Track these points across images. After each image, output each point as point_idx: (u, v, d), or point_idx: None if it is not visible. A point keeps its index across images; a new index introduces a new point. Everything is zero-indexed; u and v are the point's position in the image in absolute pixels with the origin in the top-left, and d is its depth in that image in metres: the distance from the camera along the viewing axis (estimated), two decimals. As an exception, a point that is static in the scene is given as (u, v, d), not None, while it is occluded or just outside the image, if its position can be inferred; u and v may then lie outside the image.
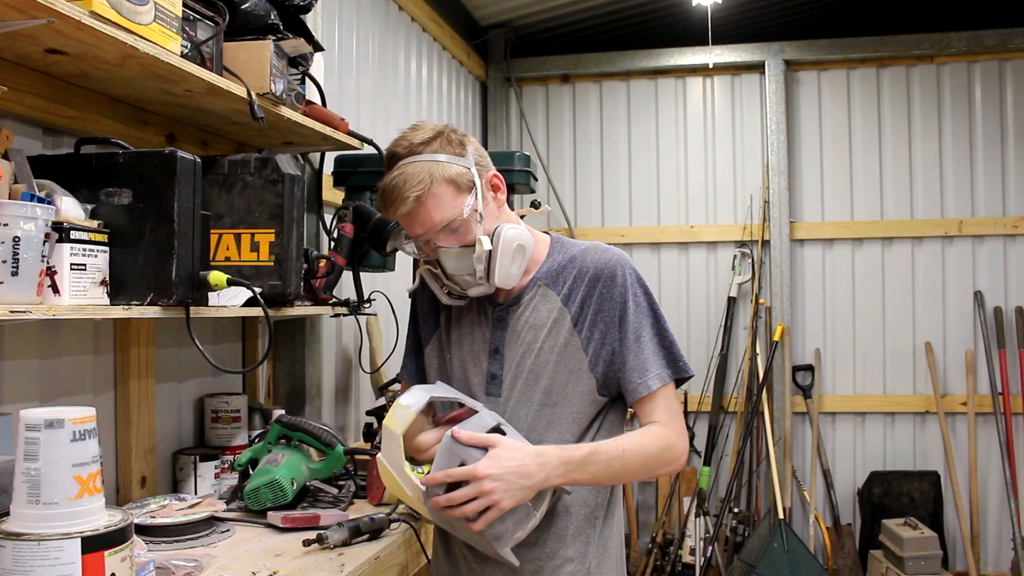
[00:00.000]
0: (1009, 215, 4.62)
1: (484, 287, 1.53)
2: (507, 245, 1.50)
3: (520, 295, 1.59)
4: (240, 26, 1.91)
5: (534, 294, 1.58)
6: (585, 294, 1.55)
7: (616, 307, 1.54)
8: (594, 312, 1.54)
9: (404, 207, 1.48)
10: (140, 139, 1.91)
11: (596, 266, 1.56)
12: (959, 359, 4.64)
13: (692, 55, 4.83)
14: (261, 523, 1.89)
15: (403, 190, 1.47)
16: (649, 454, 1.51)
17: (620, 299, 1.54)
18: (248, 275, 1.86)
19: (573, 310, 1.55)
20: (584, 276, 1.56)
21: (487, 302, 1.61)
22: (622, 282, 1.54)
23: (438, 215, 1.48)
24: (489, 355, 1.58)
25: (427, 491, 1.42)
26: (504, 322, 1.58)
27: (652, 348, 1.54)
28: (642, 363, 1.53)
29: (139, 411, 1.97)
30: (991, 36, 4.57)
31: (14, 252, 1.29)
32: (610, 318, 1.54)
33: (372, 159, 2.58)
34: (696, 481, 4.68)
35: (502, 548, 1.45)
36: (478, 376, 1.59)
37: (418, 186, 1.46)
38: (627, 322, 1.53)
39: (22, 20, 1.30)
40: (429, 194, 1.47)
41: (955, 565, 4.54)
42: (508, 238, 1.51)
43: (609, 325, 1.54)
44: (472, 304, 1.61)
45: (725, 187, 4.90)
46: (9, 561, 1.13)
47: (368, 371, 3.02)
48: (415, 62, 3.83)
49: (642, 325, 1.54)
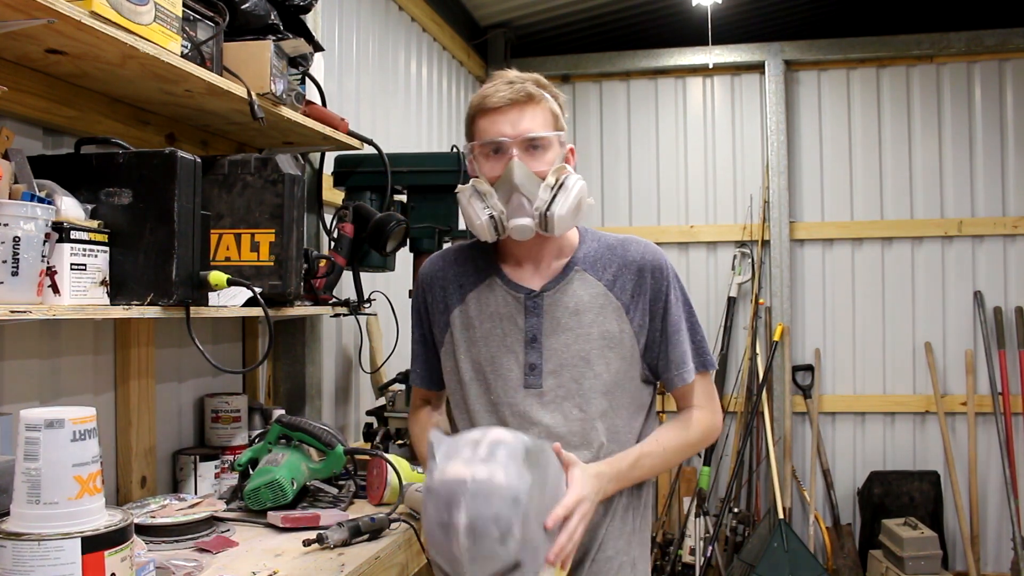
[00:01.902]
0: (1009, 215, 4.62)
1: (529, 223, 1.48)
2: (574, 189, 1.49)
3: (555, 280, 1.56)
4: (240, 26, 1.91)
5: (571, 278, 1.55)
6: (634, 283, 1.54)
7: (661, 298, 1.55)
8: (643, 302, 1.55)
9: (511, 95, 1.48)
10: (140, 139, 1.91)
11: (643, 257, 1.57)
12: (959, 359, 4.64)
13: (692, 55, 4.83)
14: (261, 523, 1.89)
15: (520, 83, 1.49)
16: (690, 442, 1.58)
17: (665, 291, 1.55)
18: (248, 275, 1.86)
19: (623, 298, 1.54)
20: (631, 265, 1.56)
21: (514, 291, 1.56)
22: (667, 275, 1.56)
23: (534, 123, 1.49)
24: (526, 344, 1.54)
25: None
26: (539, 309, 1.54)
27: (689, 341, 1.57)
28: (680, 355, 1.56)
29: (139, 411, 1.97)
30: (991, 36, 4.57)
31: (14, 252, 1.29)
32: (655, 309, 1.55)
33: (372, 159, 2.58)
34: (696, 481, 4.68)
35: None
36: (514, 369, 1.54)
37: (535, 88, 1.50)
38: (670, 314, 1.55)
39: (22, 20, 1.30)
40: (537, 103, 1.50)
41: (955, 565, 4.54)
42: (578, 184, 1.50)
43: (653, 316, 1.55)
44: (495, 296, 1.57)
45: (725, 187, 4.90)
46: (9, 561, 1.13)
47: (368, 371, 3.02)
48: (415, 62, 3.83)
49: (681, 318, 1.57)
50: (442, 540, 1.30)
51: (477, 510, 1.27)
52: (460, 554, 1.27)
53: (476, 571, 1.28)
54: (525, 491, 1.28)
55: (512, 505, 1.27)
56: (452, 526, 1.28)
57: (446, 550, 1.30)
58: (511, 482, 1.28)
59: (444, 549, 1.31)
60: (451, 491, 1.29)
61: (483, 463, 1.29)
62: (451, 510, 1.28)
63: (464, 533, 1.27)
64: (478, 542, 1.27)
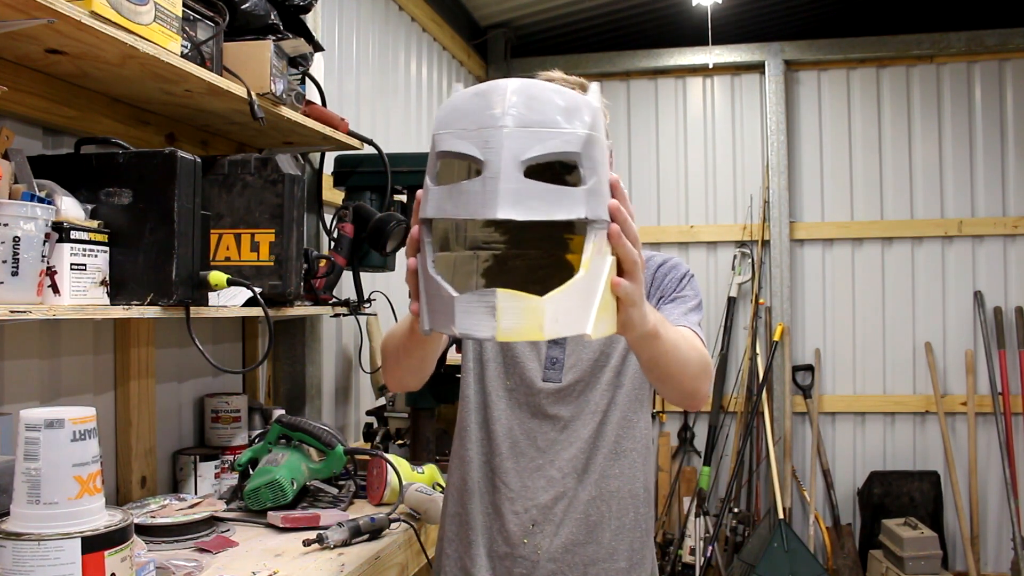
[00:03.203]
0: (1009, 215, 4.62)
1: None
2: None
3: None
4: (240, 26, 1.91)
5: None
6: (650, 281, 1.54)
7: (672, 287, 1.54)
8: (656, 294, 1.53)
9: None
10: (140, 139, 1.91)
11: (662, 258, 1.57)
12: (959, 359, 4.64)
13: (692, 55, 4.83)
14: (261, 523, 1.89)
15: (566, 80, 1.48)
16: (692, 347, 1.38)
17: (676, 282, 1.54)
18: (248, 275, 1.86)
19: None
20: (651, 266, 1.56)
21: None
22: (683, 272, 1.56)
23: None
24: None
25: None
26: None
27: (688, 316, 1.50)
28: (676, 317, 1.46)
29: (139, 411, 1.97)
30: (991, 36, 4.57)
31: (14, 252, 1.29)
32: (664, 297, 1.53)
33: (372, 159, 2.58)
34: (696, 481, 4.68)
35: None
36: (534, 362, 1.54)
37: (578, 87, 1.45)
38: (675, 299, 1.52)
39: (22, 20, 1.30)
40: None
41: (955, 565, 4.54)
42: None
43: (662, 303, 1.53)
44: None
45: (725, 187, 4.90)
46: (9, 561, 1.13)
47: (368, 371, 3.02)
48: (415, 62, 3.83)
49: (687, 301, 1.52)
50: (471, 110, 0.99)
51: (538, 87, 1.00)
52: (500, 114, 0.96)
53: (515, 147, 0.95)
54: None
55: (586, 104, 1.02)
56: (496, 88, 0.99)
57: (471, 120, 0.98)
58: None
59: (467, 121, 0.98)
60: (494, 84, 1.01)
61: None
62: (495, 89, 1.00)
63: (515, 89, 0.98)
64: (533, 104, 0.97)
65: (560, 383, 1.53)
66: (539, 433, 1.53)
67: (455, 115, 1.00)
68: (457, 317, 0.97)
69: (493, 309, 0.95)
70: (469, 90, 1.02)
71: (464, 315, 0.97)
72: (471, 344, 1.59)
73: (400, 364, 1.43)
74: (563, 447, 1.53)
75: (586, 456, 1.52)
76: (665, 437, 4.81)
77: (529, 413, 1.54)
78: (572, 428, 1.52)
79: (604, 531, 1.53)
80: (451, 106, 1.02)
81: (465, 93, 1.02)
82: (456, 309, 0.97)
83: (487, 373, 1.58)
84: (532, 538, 1.50)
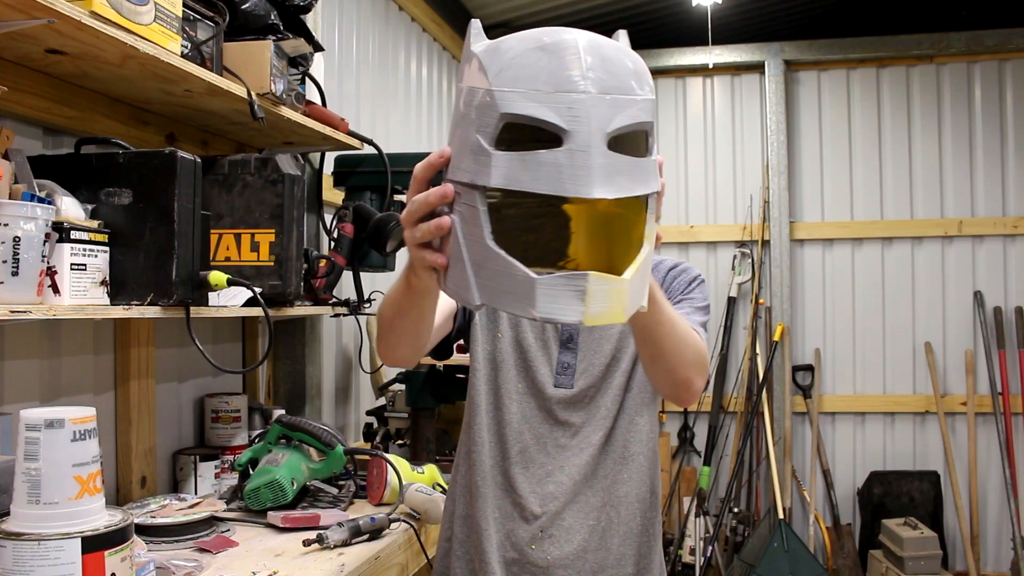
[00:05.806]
0: (1009, 215, 4.62)
1: None
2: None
3: None
4: (240, 26, 1.91)
5: None
6: (660, 284, 1.51)
7: (680, 288, 1.53)
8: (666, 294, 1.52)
9: None
10: (140, 139, 1.91)
11: (672, 262, 1.57)
12: (959, 359, 4.65)
13: (692, 55, 4.83)
14: (261, 523, 1.89)
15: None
16: (691, 333, 1.37)
17: (686, 284, 1.54)
18: (248, 275, 1.86)
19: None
20: (662, 269, 1.56)
21: None
22: (693, 276, 1.55)
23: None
24: (561, 344, 1.53)
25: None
26: None
27: (692, 315, 1.48)
28: (681, 315, 1.43)
29: (139, 411, 1.97)
30: (991, 36, 4.58)
31: (14, 252, 1.29)
32: (671, 299, 1.50)
33: (372, 159, 2.58)
34: (696, 481, 4.68)
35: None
36: (545, 366, 1.53)
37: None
38: (682, 300, 1.51)
39: (22, 20, 1.30)
40: None
41: (955, 565, 4.54)
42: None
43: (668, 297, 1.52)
44: None
45: (725, 187, 4.90)
46: (9, 561, 1.13)
47: (368, 371, 3.02)
48: (415, 62, 3.83)
49: (694, 302, 1.51)
50: (542, 68, 0.90)
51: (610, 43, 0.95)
52: (579, 77, 0.89)
53: (601, 117, 0.89)
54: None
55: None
56: (566, 45, 0.91)
57: (544, 81, 0.90)
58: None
59: (538, 82, 0.90)
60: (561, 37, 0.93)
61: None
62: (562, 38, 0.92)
63: (585, 47, 0.91)
64: (608, 67, 0.91)
65: (572, 389, 1.52)
66: (549, 439, 1.52)
67: (522, 72, 0.90)
68: (539, 301, 0.90)
69: (583, 293, 0.89)
70: (526, 42, 0.93)
71: (548, 299, 0.90)
72: (481, 344, 1.56)
73: (394, 328, 1.33)
74: (574, 453, 1.51)
75: (596, 461, 1.51)
76: (665, 437, 4.81)
77: (540, 418, 1.52)
78: (583, 434, 1.51)
79: (613, 537, 1.52)
80: (510, 59, 0.92)
81: (524, 46, 0.92)
82: (538, 292, 0.90)
83: (500, 375, 1.55)
84: (541, 544, 1.50)
